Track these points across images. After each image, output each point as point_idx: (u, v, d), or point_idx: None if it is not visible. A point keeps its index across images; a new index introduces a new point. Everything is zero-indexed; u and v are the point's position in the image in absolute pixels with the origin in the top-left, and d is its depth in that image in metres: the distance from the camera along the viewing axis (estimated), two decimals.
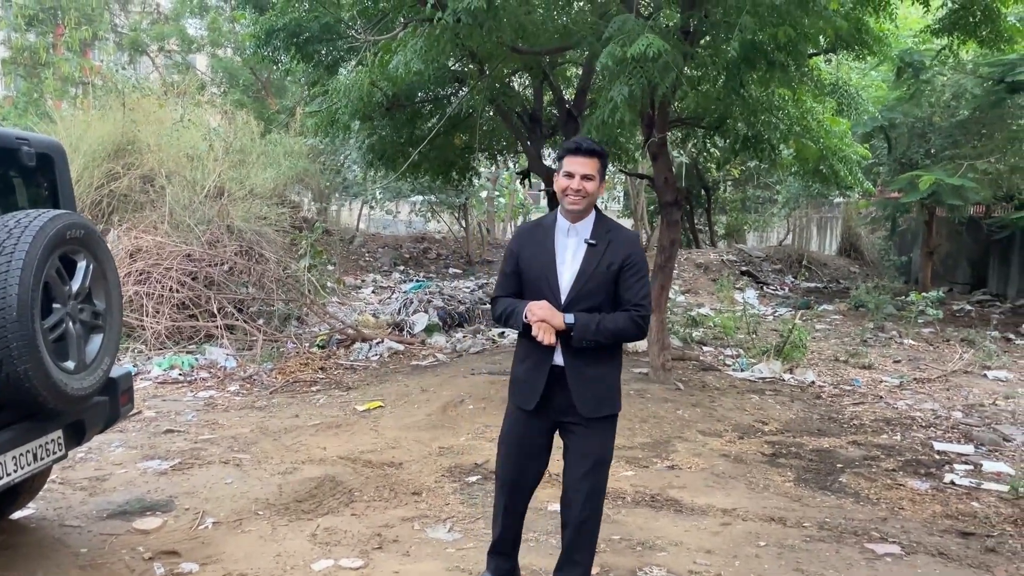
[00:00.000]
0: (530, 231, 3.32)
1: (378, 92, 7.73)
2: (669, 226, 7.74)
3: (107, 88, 16.05)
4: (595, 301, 3.09)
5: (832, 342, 11.24)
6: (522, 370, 3.25)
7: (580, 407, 3.12)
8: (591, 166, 3.09)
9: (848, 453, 6.13)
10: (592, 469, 3.19)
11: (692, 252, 19.40)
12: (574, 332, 3.03)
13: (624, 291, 3.10)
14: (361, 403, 6.98)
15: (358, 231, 22.01)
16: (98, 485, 4.92)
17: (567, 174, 3.09)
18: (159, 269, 9.24)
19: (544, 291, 3.12)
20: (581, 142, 3.12)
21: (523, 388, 3.22)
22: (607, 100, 5.53)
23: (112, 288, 3.74)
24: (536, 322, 3.03)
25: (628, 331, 3.09)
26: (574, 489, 3.21)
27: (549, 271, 3.14)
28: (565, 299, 3.09)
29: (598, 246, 3.12)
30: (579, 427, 3.18)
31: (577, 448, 3.21)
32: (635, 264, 3.12)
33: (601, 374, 3.15)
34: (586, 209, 3.14)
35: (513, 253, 3.28)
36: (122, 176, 12.30)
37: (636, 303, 3.09)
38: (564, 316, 3.04)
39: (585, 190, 3.08)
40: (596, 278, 3.09)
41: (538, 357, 3.15)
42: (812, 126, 7.94)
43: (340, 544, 4.12)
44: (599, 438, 3.19)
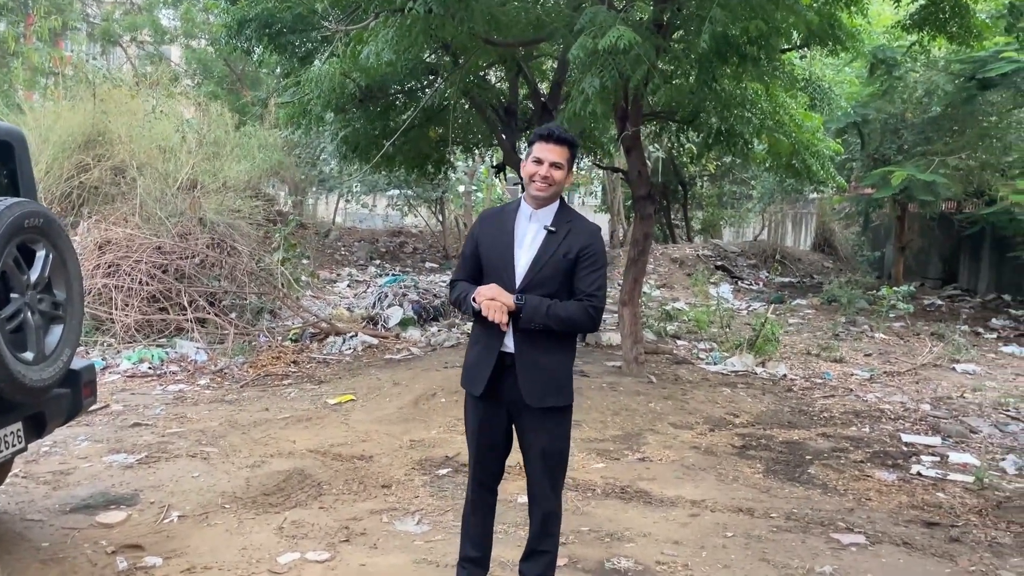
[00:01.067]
0: (493, 215, 3.30)
1: (351, 84, 7.67)
2: (642, 220, 7.75)
3: (78, 78, 15.79)
4: (550, 288, 3.04)
5: (804, 336, 11.33)
6: (473, 355, 3.20)
7: (526, 395, 3.05)
8: (561, 154, 3.05)
9: (817, 445, 6.18)
10: (547, 463, 3.15)
11: (668, 247, 19.47)
12: (523, 313, 2.99)
13: (579, 281, 3.06)
14: (332, 397, 6.93)
15: (334, 225, 21.89)
16: (62, 479, 4.85)
17: (536, 160, 3.06)
18: (129, 261, 9.10)
19: (500, 274, 3.09)
20: (553, 129, 3.08)
21: (472, 373, 3.18)
22: (579, 92, 5.52)
23: (73, 278, 3.67)
24: (485, 301, 3.00)
25: (578, 321, 3.04)
26: (534, 483, 3.20)
27: (507, 254, 3.11)
28: (520, 283, 3.06)
29: (557, 233, 3.08)
30: (529, 418, 3.13)
31: (528, 441, 3.17)
32: (592, 255, 3.08)
33: (551, 363, 3.09)
34: (551, 197, 3.11)
35: (473, 236, 3.26)
36: (93, 167, 12.13)
37: (589, 293, 3.05)
38: (515, 295, 3.01)
39: (552, 178, 3.05)
40: (552, 265, 3.05)
41: (488, 341, 3.12)
42: (785, 121, 7.98)
43: (307, 537, 4.09)
44: (549, 430, 3.13)
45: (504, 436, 3.23)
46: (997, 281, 15.68)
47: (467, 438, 3.33)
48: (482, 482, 3.30)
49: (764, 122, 7.80)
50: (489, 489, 3.33)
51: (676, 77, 6.93)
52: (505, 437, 3.24)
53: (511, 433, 3.24)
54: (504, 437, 3.24)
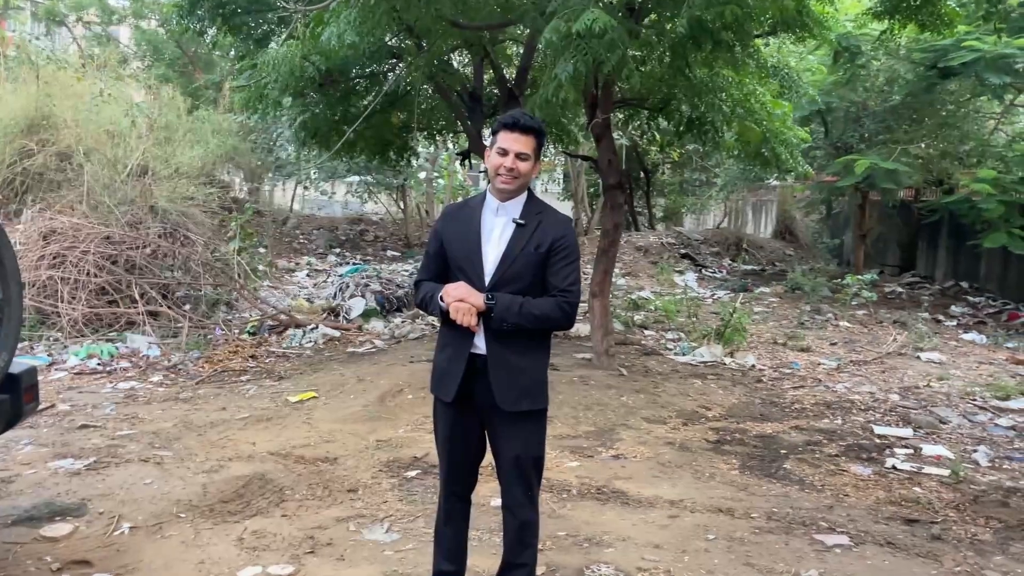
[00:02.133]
0: (457, 210, 3.12)
1: (310, 67, 7.36)
2: (612, 209, 7.59)
3: (20, 60, 15.12)
4: (521, 285, 2.87)
5: (770, 325, 11.30)
6: (442, 358, 3.01)
7: (499, 399, 2.87)
8: (527, 144, 2.87)
9: (791, 438, 6.09)
10: (521, 470, 2.97)
11: (632, 235, 19.39)
12: (494, 313, 2.81)
13: (551, 276, 2.89)
14: (294, 394, 6.67)
15: (292, 212, 21.41)
16: (3, 488, 4.54)
17: (501, 151, 2.87)
18: (75, 252, 8.68)
19: (468, 272, 2.90)
20: (519, 117, 2.89)
21: (442, 377, 2.99)
22: (551, 78, 5.31)
23: (9, 276, 3.38)
24: (453, 303, 2.82)
25: (553, 317, 2.88)
26: (508, 492, 3.02)
27: (473, 251, 2.92)
28: (489, 281, 2.87)
29: (527, 226, 2.90)
30: (503, 424, 2.94)
31: (502, 450, 2.98)
32: (565, 247, 2.90)
33: (525, 364, 2.91)
34: (518, 189, 2.92)
35: (437, 233, 3.06)
36: (36, 153, 11.62)
37: (563, 289, 2.88)
38: (485, 295, 2.82)
39: (518, 170, 2.86)
40: (522, 260, 2.87)
41: (458, 344, 2.93)
42: (755, 108, 7.87)
43: (269, 549, 3.85)
44: (523, 435, 2.95)
45: (477, 443, 3.05)
46: (954, 268, 15.87)
47: (437, 446, 3.13)
48: (454, 492, 3.12)
49: (735, 109, 7.68)
50: (463, 498, 3.15)
51: (648, 63, 6.75)
52: (478, 444, 3.06)
53: (484, 439, 3.06)
54: (477, 444, 3.06)
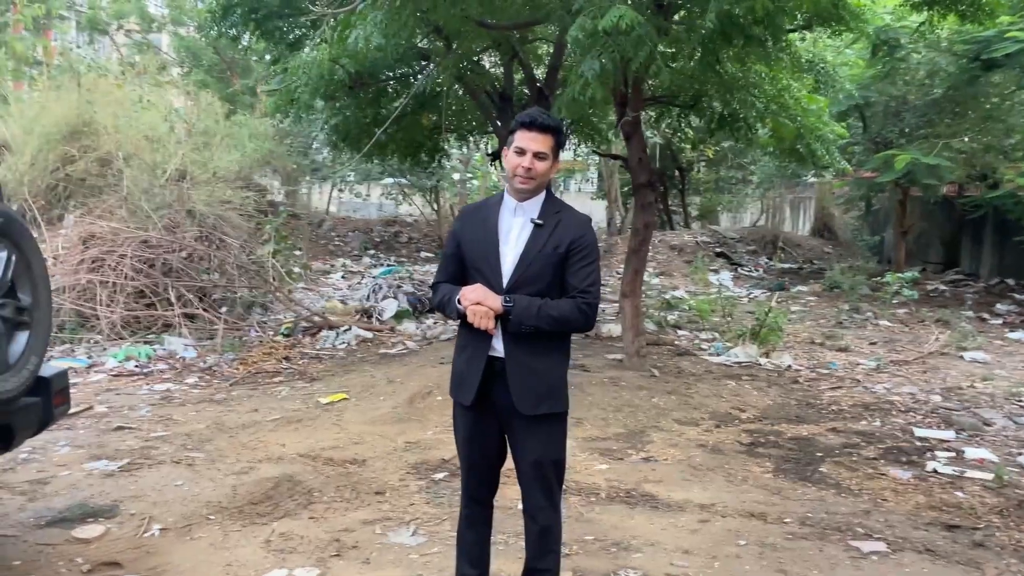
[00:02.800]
0: (474, 211, 3.07)
1: (340, 70, 7.38)
2: (643, 208, 7.50)
3: (63, 68, 15.46)
4: (539, 286, 2.82)
5: (807, 324, 11.11)
6: (460, 361, 2.97)
7: (518, 402, 2.82)
8: (544, 143, 2.81)
9: (827, 441, 5.96)
10: (542, 474, 2.91)
11: (666, 234, 19.24)
12: (512, 315, 2.77)
13: (570, 276, 2.84)
14: (325, 395, 6.69)
15: (328, 215, 21.59)
16: (39, 489, 4.61)
17: (518, 150, 2.82)
18: (114, 256, 8.83)
19: (486, 274, 2.86)
20: (536, 116, 2.84)
21: (460, 380, 2.96)
22: (577, 77, 5.26)
23: (39, 281, 3.42)
24: (471, 307, 2.78)
25: (572, 319, 2.82)
26: (529, 496, 2.97)
27: (491, 252, 2.87)
28: (507, 282, 2.83)
29: (545, 226, 2.85)
30: (522, 427, 2.89)
31: (522, 454, 2.93)
32: (583, 248, 2.85)
33: (544, 367, 2.86)
34: (536, 189, 2.88)
35: (455, 234, 3.02)
36: (78, 159, 11.85)
37: (583, 290, 2.83)
38: (502, 298, 2.78)
39: (536, 169, 2.81)
40: (541, 260, 2.83)
41: (476, 346, 2.89)
42: (789, 104, 7.72)
43: (295, 551, 3.86)
44: (542, 439, 2.90)
45: (497, 446, 3.01)
46: (1000, 265, 15.46)
47: (458, 450, 3.10)
48: (476, 496, 3.08)
49: (768, 105, 7.54)
50: (484, 503, 3.11)
51: (678, 60, 6.66)
52: (498, 447, 3.01)
53: (504, 443, 3.00)
54: (497, 447, 3.01)
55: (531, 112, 2.89)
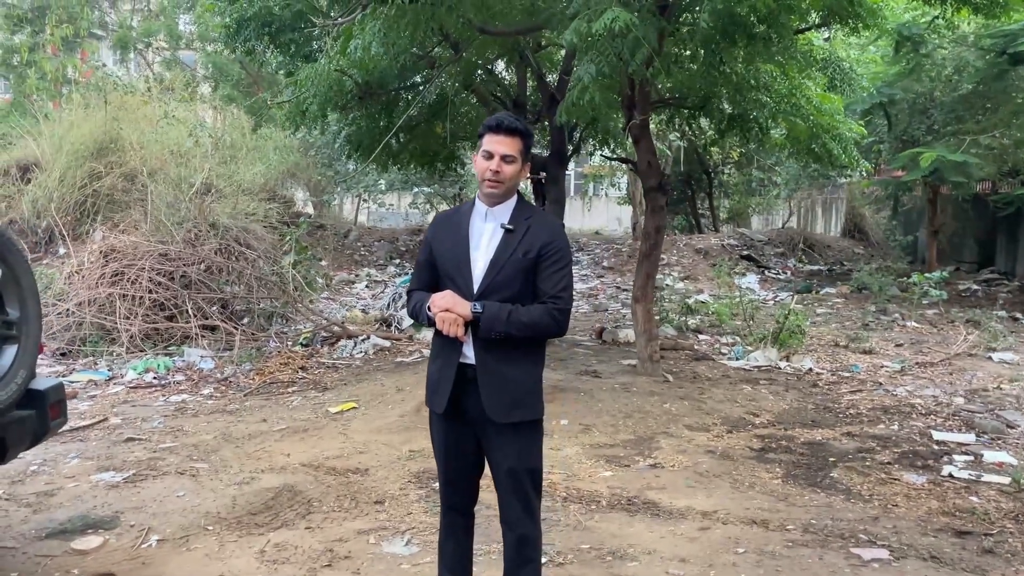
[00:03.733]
0: (447, 217, 3.04)
1: (349, 81, 7.42)
2: (654, 212, 7.42)
3: (91, 87, 15.79)
4: (510, 292, 2.79)
5: (833, 326, 10.91)
6: (433, 369, 2.94)
7: (489, 410, 2.79)
8: (512, 146, 2.78)
9: (842, 445, 5.83)
10: (517, 483, 2.86)
11: (692, 237, 19.06)
12: (481, 322, 2.73)
13: (541, 282, 2.80)
14: (334, 405, 6.71)
15: (355, 225, 21.75)
16: (44, 501, 4.67)
17: (486, 154, 2.79)
18: (133, 270, 8.96)
19: (457, 280, 2.83)
20: (503, 119, 2.81)
21: (433, 389, 2.92)
22: (576, 80, 5.22)
23: (28, 295, 3.47)
24: (440, 314, 2.74)
25: (543, 325, 2.77)
26: (504, 505, 2.92)
27: (462, 259, 2.85)
28: (478, 289, 2.80)
29: (515, 231, 2.82)
30: (495, 438, 2.85)
31: (496, 463, 2.89)
32: (554, 252, 2.81)
33: (516, 374, 2.82)
34: (506, 193, 2.84)
35: (427, 241, 3.00)
36: (105, 175, 12.08)
37: (553, 295, 2.78)
38: (472, 304, 2.75)
39: (504, 173, 2.78)
40: (511, 266, 2.79)
41: (447, 354, 2.86)
42: (802, 103, 7.59)
43: (288, 562, 3.86)
44: (517, 447, 2.85)
45: (473, 456, 2.96)
46: None
47: (436, 459, 3.06)
48: (454, 505, 3.04)
49: (780, 105, 7.42)
50: (463, 512, 3.07)
51: (684, 61, 6.58)
52: (475, 456, 2.97)
53: (481, 451, 2.96)
54: (473, 457, 2.96)
55: (498, 116, 2.87)
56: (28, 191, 12.16)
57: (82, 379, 7.87)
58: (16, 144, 13.91)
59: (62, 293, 9.23)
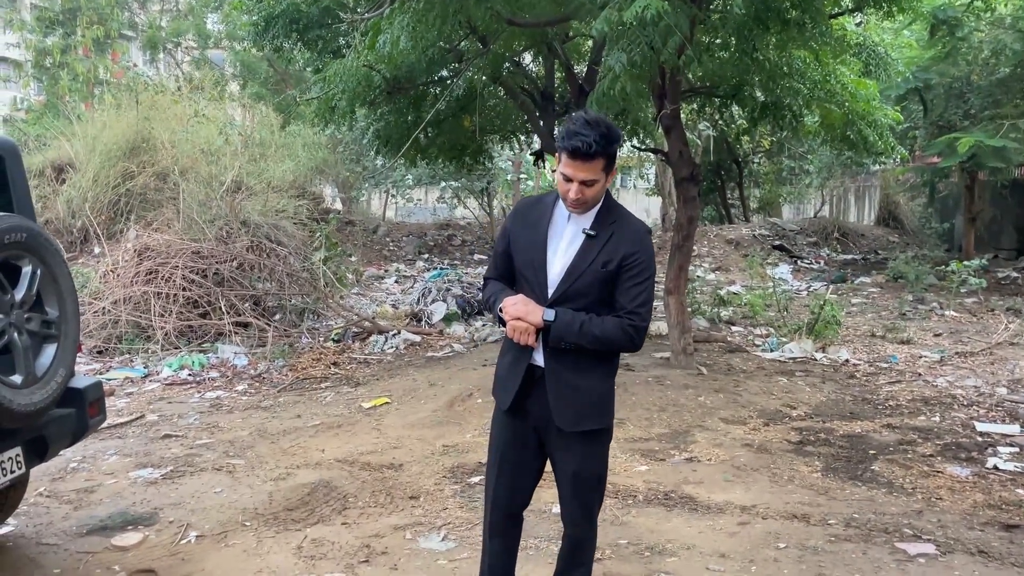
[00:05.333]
0: (528, 208, 2.84)
1: (377, 76, 7.41)
2: (686, 203, 7.33)
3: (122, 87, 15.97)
4: (586, 301, 2.63)
5: (868, 316, 10.75)
6: (502, 364, 2.84)
7: (557, 418, 2.67)
8: (593, 170, 2.55)
9: (882, 438, 5.73)
10: (578, 488, 2.76)
11: (723, 228, 18.88)
12: (552, 331, 2.60)
13: (620, 294, 2.63)
14: (367, 400, 6.72)
15: (384, 220, 21.81)
16: (84, 498, 4.72)
17: (565, 177, 2.58)
18: (167, 268, 9.05)
19: (531, 281, 2.70)
20: (579, 144, 2.49)
21: (500, 384, 2.82)
22: (607, 71, 5.15)
23: (66, 294, 3.49)
24: (511, 321, 2.63)
25: (616, 340, 2.62)
26: (565, 507, 2.84)
27: (538, 260, 2.69)
28: (552, 295, 2.65)
29: (598, 237, 2.63)
30: (560, 441, 2.73)
31: (559, 465, 2.78)
32: (637, 264, 2.62)
33: (586, 383, 2.68)
34: (590, 208, 2.67)
35: (506, 231, 2.85)
36: (137, 175, 12.23)
37: (631, 310, 2.60)
38: (544, 311, 2.61)
39: (585, 196, 2.59)
40: (589, 275, 2.62)
41: (517, 353, 2.75)
42: (836, 89, 7.45)
43: (325, 558, 3.86)
44: (582, 455, 2.73)
45: (533, 458, 2.83)
46: None
47: (490, 455, 2.91)
48: (502, 506, 2.87)
49: (814, 92, 7.29)
50: (512, 514, 2.91)
51: (715, 49, 6.48)
52: (536, 458, 2.83)
53: (543, 453, 2.83)
54: (534, 458, 2.83)
55: (576, 132, 2.52)
56: (63, 191, 12.34)
57: (119, 376, 7.97)
58: (50, 145, 14.14)
59: (98, 292, 9.36)
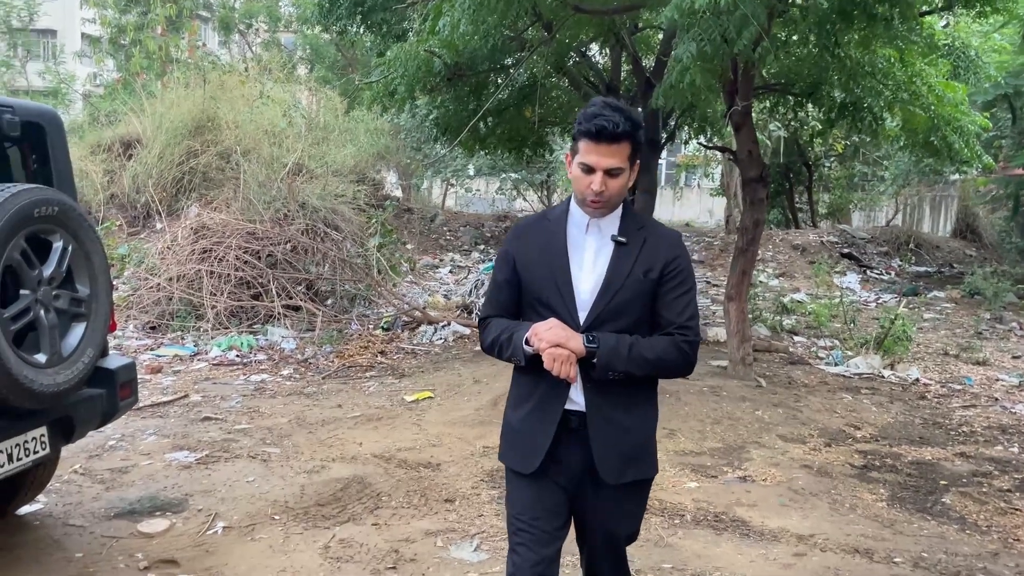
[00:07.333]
0: (531, 226, 2.42)
1: (438, 62, 7.22)
2: (753, 205, 6.98)
3: (191, 66, 16.17)
4: (627, 321, 2.24)
5: (942, 334, 10.19)
6: (518, 417, 2.35)
7: (603, 469, 2.25)
8: (618, 155, 2.16)
9: (954, 467, 5.33)
10: (612, 547, 2.42)
11: (789, 233, 18.25)
12: (598, 359, 2.18)
13: (664, 308, 2.26)
14: (411, 393, 6.56)
15: (442, 209, 21.73)
16: (118, 478, 4.65)
17: (584, 167, 2.19)
18: (221, 247, 9.04)
19: (555, 307, 2.26)
20: (604, 124, 2.12)
21: (520, 443, 2.34)
22: (675, 61, 4.86)
23: (99, 272, 3.37)
24: (549, 350, 2.16)
25: (670, 362, 2.23)
26: (594, 560, 2.46)
27: (562, 279, 2.27)
28: (586, 318, 2.24)
29: (630, 245, 2.26)
30: (596, 494, 2.32)
31: (591, 520, 2.38)
32: (678, 272, 2.27)
33: (632, 423, 2.30)
34: (613, 208, 2.28)
35: (508, 257, 2.37)
36: (201, 153, 12.32)
37: (682, 325, 2.24)
38: (583, 337, 2.19)
39: (610, 190, 2.20)
40: (629, 289, 2.24)
41: (543, 397, 2.29)
42: (922, 92, 6.99)
43: (352, 561, 3.69)
44: (622, 510, 2.35)
45: (564, 522, 2.37)
46: None
47: (510, 523, 2.38)
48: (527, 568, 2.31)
49: (897, 93, 6.84)
50: None
51: (793, 44, 6.12)
52: (565, 523, 2.38)
53: (571, 511, 2.39)
54: (564, 523, 2.37)
55: (595, 112, 2.16)
56: (129, 167, 12.52)
57: (168, 354, 7.97)
58: (121, 121, 14.39)
59: (154, 268, 9.41)
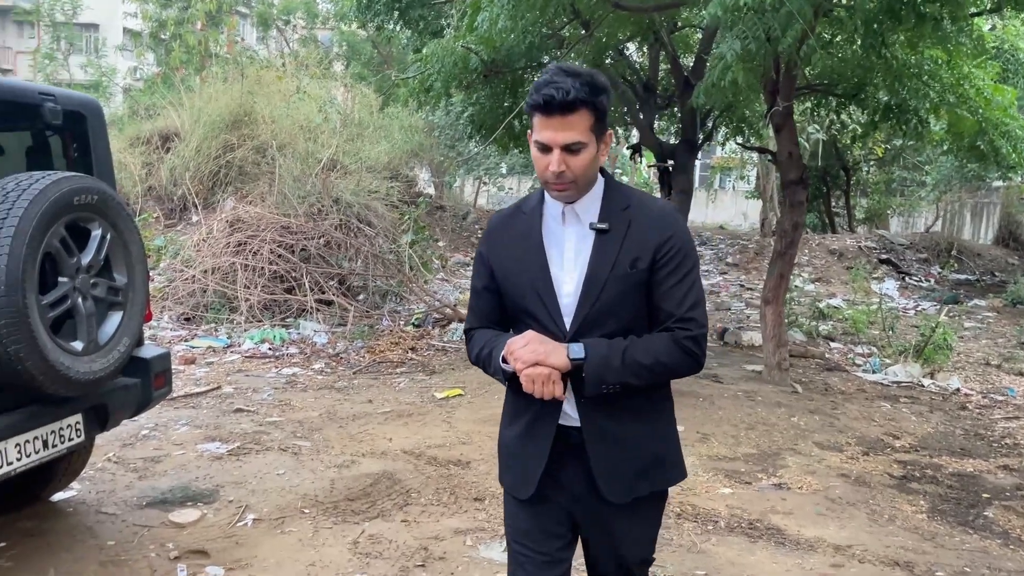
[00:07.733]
0: (504, 222, 2.10)
1: (474, 58, 7.19)
2: (792, 207, 6.86)
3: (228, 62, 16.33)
4: (620, 323, 1.93)
5: (983, 343, 9.96)
6: (511, 436, 2.08)
7: (606, 489, 1.97)
8: (577, 126, 1.82)
9: (997, 480, 5.18)
10: (624, 569, 2.12)
11: (826, 237, 17.99)
12: (587, 373, 1.87)
13: (661, 299, 1.92)
14: (441, 390, 6.54)
15: (474, 207, 21.71)
16: (150, 467, 4.68)
17: (540, 146, 1.87)
18: (256, 241, 9.09)
19: (537, 315, 1.96)
20: (552, 92, 1.79)
21: (514, 466, 2.08)
22: (717, 59, 4.77)
23: (136, 261, 3.37)
24: (526, 371, 1.86)
25: (673, 364, 1.91)
26: None
27: (540, 282, 1.96)
28: (571, 324, 1.93)
29: (613, 232, 1.92)
30: (603, 515, 2.04)
31: (598, 545, 2.11)
32: (674, 253, 1.91)
33: (640, 436, 2.00)
34: (584, 187, 1.93)
35: (483, 259, 2.09)
36: (237, 147, 12.44)
37: (682, 317, 1.90)
38: (569, 348, 1.88)
39: (572, 169, 1.86)
40: (616, 284, 1.91)
41: (535, 416, 2.00)
42: (970, 94, 6.81)
43: (381, 557, 3.66)
44: (634, 532, 2.07)
45: (570, 540, 2.12)
46: None
47: (509, 545, 2.14)
48: None
49: (944, 96, 6.68)
50: None
51: (838, 44, 5.99)
52: (569, 544, 2.12)
53: (576, 533, 2.13)
54: (570, 540, 2.12)
55: (548, 81, 1.82)
56: (167, 160, 12.68)
57: (202, 345, 8.03)
58: (160, 114, 14.59)
59: (190, 260, 9.50)
